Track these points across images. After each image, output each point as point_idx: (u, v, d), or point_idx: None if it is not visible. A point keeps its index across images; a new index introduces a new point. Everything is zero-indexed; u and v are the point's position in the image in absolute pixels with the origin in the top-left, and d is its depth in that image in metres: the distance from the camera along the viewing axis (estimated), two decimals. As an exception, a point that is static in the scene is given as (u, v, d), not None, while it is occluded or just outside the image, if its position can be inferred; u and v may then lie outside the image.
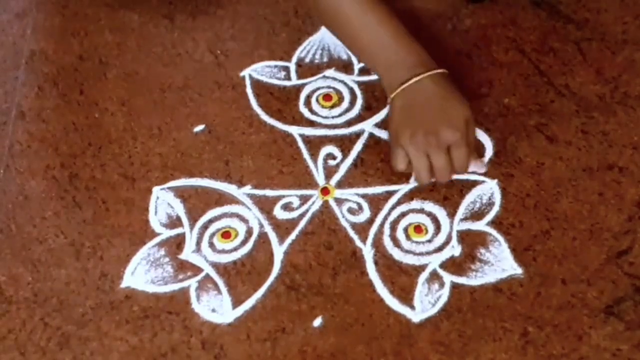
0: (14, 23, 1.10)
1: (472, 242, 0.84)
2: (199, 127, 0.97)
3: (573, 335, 0.77)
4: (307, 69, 1.01)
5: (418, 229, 0.86)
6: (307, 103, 0.98)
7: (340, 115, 0.96)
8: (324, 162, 0.92)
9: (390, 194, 0.89)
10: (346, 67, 1.01)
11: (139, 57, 1.04)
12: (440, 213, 0.87)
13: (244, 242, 0.87)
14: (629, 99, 0.93)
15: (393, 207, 0.88)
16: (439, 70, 0.86)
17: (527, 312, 0.79)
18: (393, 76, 0.86)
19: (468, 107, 0.84)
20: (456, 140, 0.82)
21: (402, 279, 0.83)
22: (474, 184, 0.89)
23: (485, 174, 0.89)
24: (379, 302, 0.81)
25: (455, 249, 0.84)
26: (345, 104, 0.97)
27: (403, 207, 0.88)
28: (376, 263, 0.84)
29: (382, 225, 0.87)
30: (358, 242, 0.86)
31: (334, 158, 0.93)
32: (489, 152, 0.91)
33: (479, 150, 0.90)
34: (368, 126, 0.95)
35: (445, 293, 0.81)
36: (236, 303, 0.83)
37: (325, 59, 1.02)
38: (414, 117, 0.84)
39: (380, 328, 0.80)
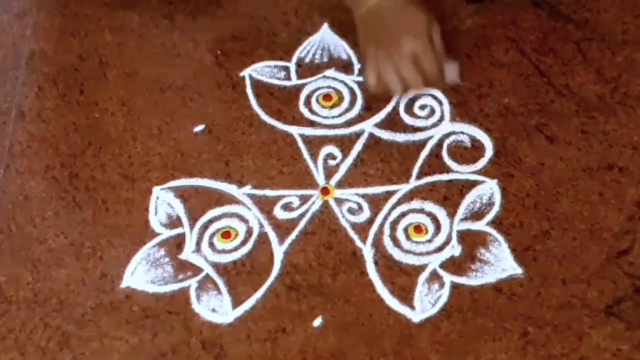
0: (14, 23, 1.10)
1: (472, 242, 0.84)
2: (199, 127, 0.97)
3: (573, 335, 0.77)
4: (307, 69, 1.01)
5: (418, 229, 0.86)
6: (307, 103, 0.98)
7: (340, 115, 0.96)
8: (324, 162, 0.92)
9: (390, 194, 0.89)
10: (346, 67, 1.01)
11: (139, 57, 1.04)
12: (440, 213, 0.87)
13: (244, 242, 0.87)
14: (629, 99, 0.93)
15: (393, 207, 0.88)
16: None
17: (527, 312, 0.79)
18: None
19: (428, 14, 0.85)
20: (418, 47, 0.84)
21: (402, 279, 0.83)
22: (474, 184, 0.89)
23: (485, 173, 0.89)
24: (379, 302, 0.81)
25: (455, 249, 0.84)
26: (345, 104, 0.97)
27: (403, 207, 0.88)
28: (376, 263, 0.84)
29: (382, 225, 0.87)
30: (358, 242, 0.86)
31: (334, 158, 0.93)
32: (489, 152, 0.91)
33: (478, 149, 0.90)
34: (368, 126, 0.95)
35: (445, 293, 0.81)
36: (236, 303, 0.83)
37: (325, 59, 1.02)
38: (376, 33, 0.87)
39: (380, 328, 0.80)
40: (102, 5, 1.10)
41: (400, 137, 0.93)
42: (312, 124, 0.96)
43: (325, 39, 1.03)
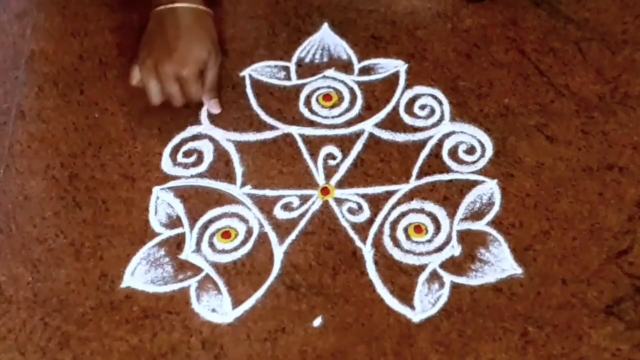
0: (14, 23, 1.10)
1: (472, 242, 0.84)
2: (199, 128, 0.97)
3: (573, 335, 0.77)
4: (307, 69, 1.01)
5: (418, 229, 0.86)
6: (307, 103, 0.98)
7: (340, 115, 0.96)
8: (324, 162, 0.92)
9: (390, 194, 0.89)
10: (346, 67, 1.01)
11: (139, 57, 1.04)
12: (440, 213, 0.87)
13: (244, 242, 0.87)
14: (629, 99, 0.93)
15: (393, 207, 0.88)
16: (203, 8, 0.89)
17: (527, 312, 0.79)
18: None
19: (207, 51, 0.89)
20: (182, 76, 0.87)
21: (402, 279, 0.83)
22: (474, 184, 0.89)
23: (485, 173, 0.89)
24: (379, 302, 0.81)
25: (455, 249, 0.84)
26: (345, 104, 0.97)
27: (403, 207, 0.88)
28: (376, 263, 0.84)
29: (382, 225, 0.87)
30: (358, 242, 0.86)
31: (334, 158, 0.93)
32: (489, 152, 0.91)
33: (478, 149, 0.90)
34: (368, 126, 0.95)
35: (445, 293, 0.81)
36: (236, 303, 0.83)
37: (325, 59, 1.02)
38: (154, 42, 0.89)
39: (380, 328, 0.80)
40: (102, 5, 1.10)
41: (400, 137, 0.93)
42: (312, 124, 0.96)
43: (325, 39, 1.03)
